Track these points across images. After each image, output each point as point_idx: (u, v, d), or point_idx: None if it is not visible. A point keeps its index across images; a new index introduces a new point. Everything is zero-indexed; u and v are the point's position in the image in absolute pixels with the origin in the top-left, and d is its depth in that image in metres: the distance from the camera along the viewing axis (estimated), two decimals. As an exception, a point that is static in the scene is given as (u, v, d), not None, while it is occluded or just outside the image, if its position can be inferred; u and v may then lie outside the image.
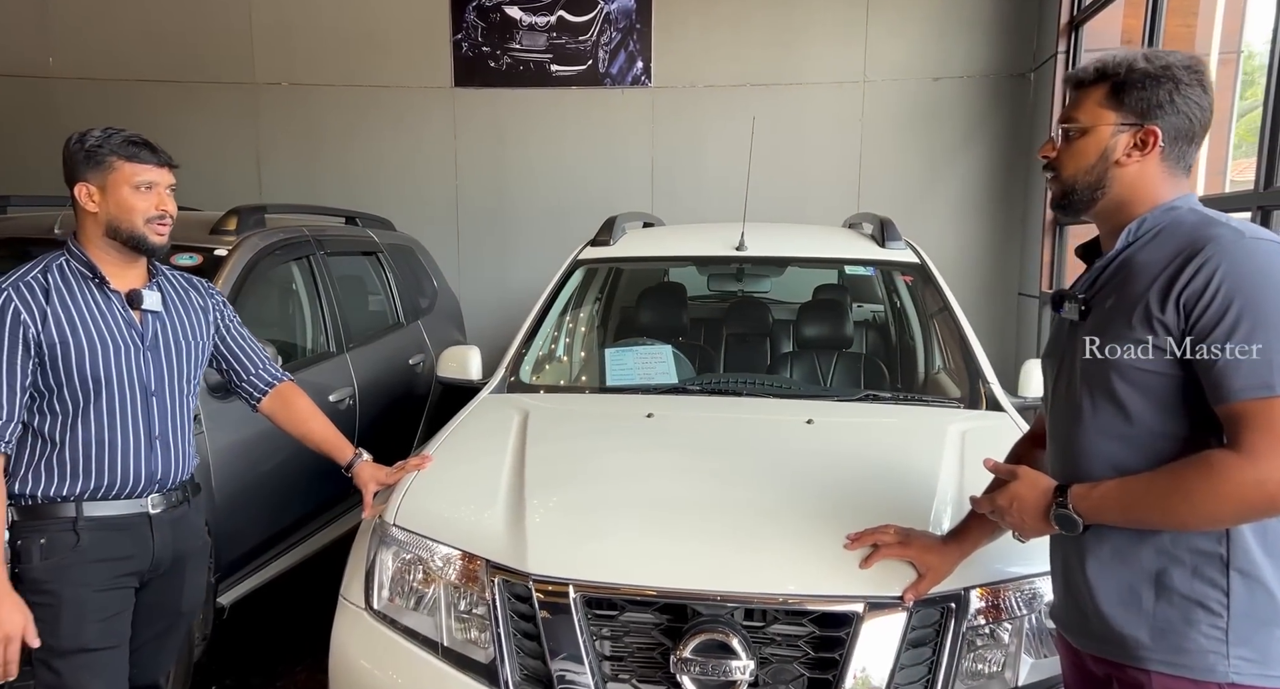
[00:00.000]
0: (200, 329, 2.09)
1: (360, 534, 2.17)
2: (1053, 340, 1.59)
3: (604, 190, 6.09)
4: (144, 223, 1.88)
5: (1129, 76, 1.40)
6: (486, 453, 2.31)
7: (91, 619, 1.85)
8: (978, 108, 5.72)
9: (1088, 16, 4.95)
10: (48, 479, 1.86)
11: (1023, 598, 1.75)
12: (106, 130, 1.89)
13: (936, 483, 2.03)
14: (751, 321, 3.73)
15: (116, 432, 1.89)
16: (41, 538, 1.83)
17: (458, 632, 1.91)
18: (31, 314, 1.82)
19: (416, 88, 6.34)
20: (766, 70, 5.87)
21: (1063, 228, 5.08)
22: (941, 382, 3.18)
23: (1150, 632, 1.35)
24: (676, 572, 1.78)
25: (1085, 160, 1.44)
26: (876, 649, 1.67)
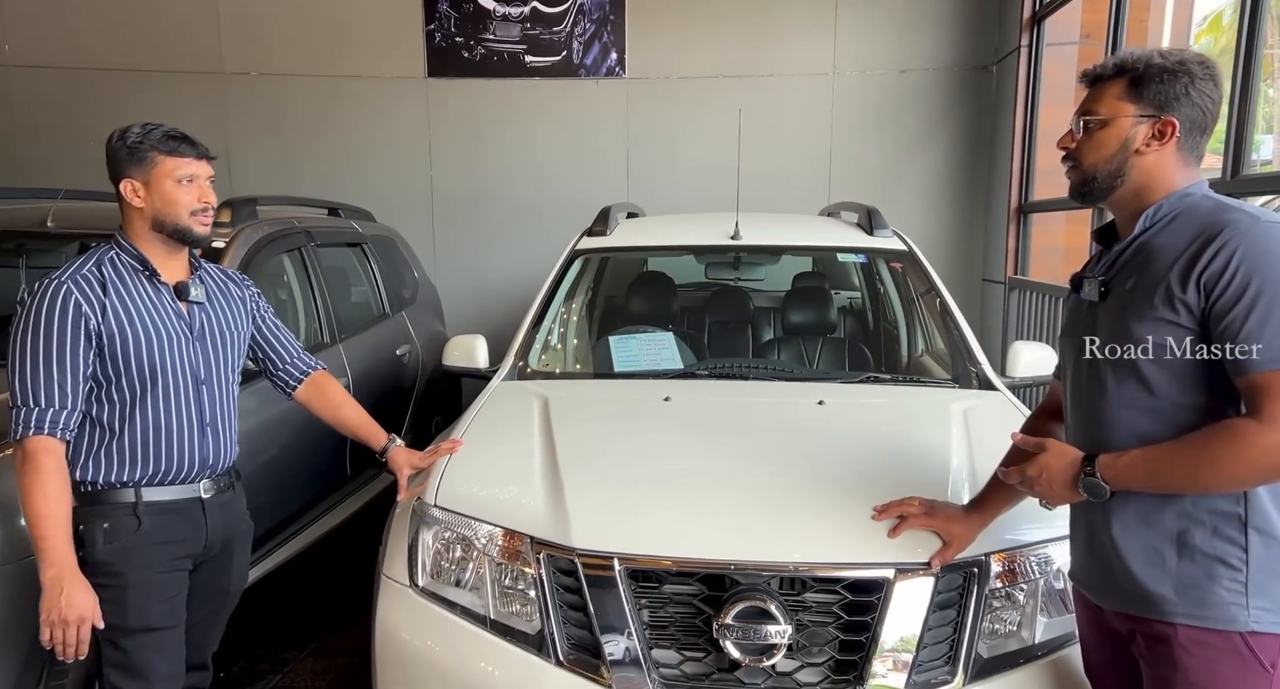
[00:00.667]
0: (241, 319, 2.18)
1: (399, 515, 2.24)
2: (1071, 319, 1.69)
3: (579, 181, 6.16)
4: (189, 215, 1.95)
5: (1147, 71, 1.49)
6: (514, 437, 2.40)
7: (155, 599, 1.93)
8: (942, 99, 5.90)
9: (1049, 11, 5.14)
10: (108, 466, 1.92)
11: (1037, 562, 1.90)
12: (146, 126, 1.95)
13: (950, 457, 2.17)
14: (734, 309, 3.85)
15: (172, 419, 1.97)
16: (105, 522, 1.90)
17: (503, 605, 2.00)
18: (92, 306, 1.89)
19: (389, 78, 6.33)
20: (739, 62, 5.98)
21: (1027, 216, 5.29)
22: (926, 364, 3.34)
23: (1175, 588, 1.45)
24: (715, 543, 1.90)
25: (1106, 150, 1.53)
26: (906, 613, 1.80)
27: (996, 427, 2.40)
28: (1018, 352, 2.89)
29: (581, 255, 3.42)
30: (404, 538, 2.16)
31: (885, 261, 3.51)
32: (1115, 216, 1.62)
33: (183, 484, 2.00)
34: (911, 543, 1.85)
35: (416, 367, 4.81)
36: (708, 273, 3.76)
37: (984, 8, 5.81)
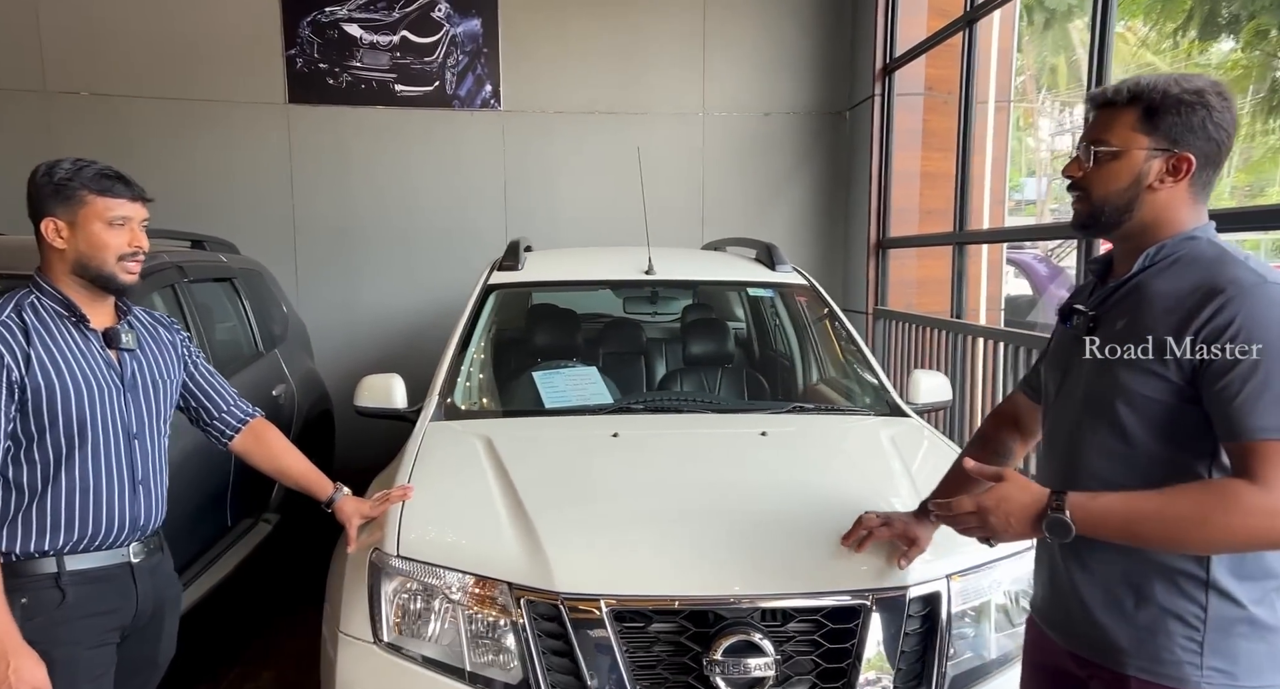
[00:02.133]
0: (172, 367, 2.05)
1: (352, 568, 2.15)
2: (1057, 350, 1.65)
3: (455, 213, 6.08)
4: (116, 261, 1.82)
5: (1164, 101, 1.40)
6: (467, 481, 2.35)
7: (83, 680, 1.78)
8: (803, 141, 6.24)
9: (899, 65, 5.57)
10: (24, 534, 1.76)
11: (989, 582, 2.04)
12: (77, 162, 1.81)
13: (896, 480, 2.32)
14: (627, 341, 3.91)
15: (101, 478, 1.82)
16: (23, 597, 1.74)
17: (478, 655, 1.96)
18: (15, 356, 1.73)
19: (245, 103, 6.03)
20: (614, 99, 6.10)
21: (885, 251, 5.67)
22: (822, 391, 3.52)
23: (1131, 639, 1.42)
24: (700, 579, 1.94)
25: (1118, 183, 1.44)
26: (883, 636, 1.90)
27: (923, 450, 2.60)
28: (918, 380, 3.10)
29: (496, 290, 3.39)
30: (361, 591, 2.07)
31: (792, 295, 3.67)
32: (1115, 249, 1.56)
33: (110, 549, 1.85)
34: (886, 570, 1.96)
35: (292, 407, 4.59)
36: (625, 307, 3.81)
37: (837, 59, 6.20)
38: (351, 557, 2.17)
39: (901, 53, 5.50)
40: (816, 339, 3.61)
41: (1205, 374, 1.33)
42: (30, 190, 1.81)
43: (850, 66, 6.15)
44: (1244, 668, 1.37)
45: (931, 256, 5.72)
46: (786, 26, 6.18)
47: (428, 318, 6.09)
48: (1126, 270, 1.48)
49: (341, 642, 2.03)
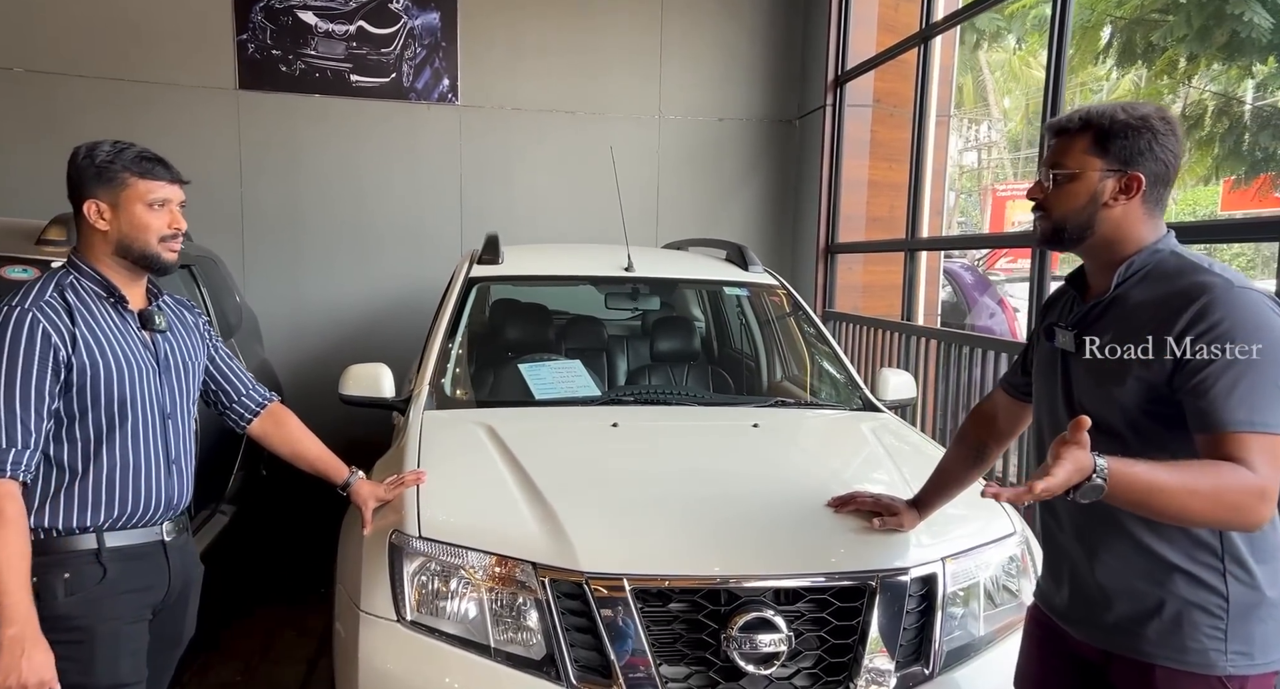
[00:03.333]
0: (198, 349, 2.09)
1: (371, 548, 2.19)
2: (1045, 367, 1.73)
3: (410, 206, 6.06)
4: (158, 241, 1.86)
5: (1113, 126, 1.52)
6: (478, 467, 2.41)
7: (125, 653, 1.83)
8: (755, 147, 6.42)
9: (850, 77, 5.79)
10: (66, 510, 1.80)
11: (977, 564, 2.20)
12: (117, 145, 1.86)
13: (881, 466, 2.47)
14: (590, 338, 3.99)
15: (141, 457, 1.87)
16: (65, 573, 1.78)
17: (500, 632, 2.02)
18: (62, 337, 1.76)
19: (193, 87, 5.89)
20: (572, 99, 6.17)
21: (833, 256, 5.88)
22: (787, 388, 3.68)
23: (1156, 630, 1.50)
24: (718, 560, 2.04)
25: (1075, 202, 1.56)
26: (888, 614, 2.03)
27: (902, 441, 2.76)
28: (886, 378, 3.27)
29: (477, 283, 3.43)
30: (382, 571, 2.12)
31: (766, 295, 3.81)
32: (1086, 265, 1.67)
33: (145, 527, 1.90)
34: (889, 553, 2.10)
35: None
36: (608, 303, 3.90)
37: (789, 69, 6.40)
38: (368, 538, 2.21)
39: (854, 66, 5.72)
40: (788, 338, 3.76)
41: (1182, 372, 1.44)
42: (71, 172, 1.84)
43: (801, 77, 6.35)
44: (1258, 647, 1.49)
45: (877, 262, 5.96)
46: (740, 36, 6.35)
47: (381, 311, 6.06)
48: (1102, 285, 1.60)
49: (363, 620, 2.07)
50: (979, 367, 3.97)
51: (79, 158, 1.84)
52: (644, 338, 4.10)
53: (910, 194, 4.96)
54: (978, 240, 11.89)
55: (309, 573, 4.44)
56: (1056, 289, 1.81)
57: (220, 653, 3.62)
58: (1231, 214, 18.86)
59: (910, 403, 3.35)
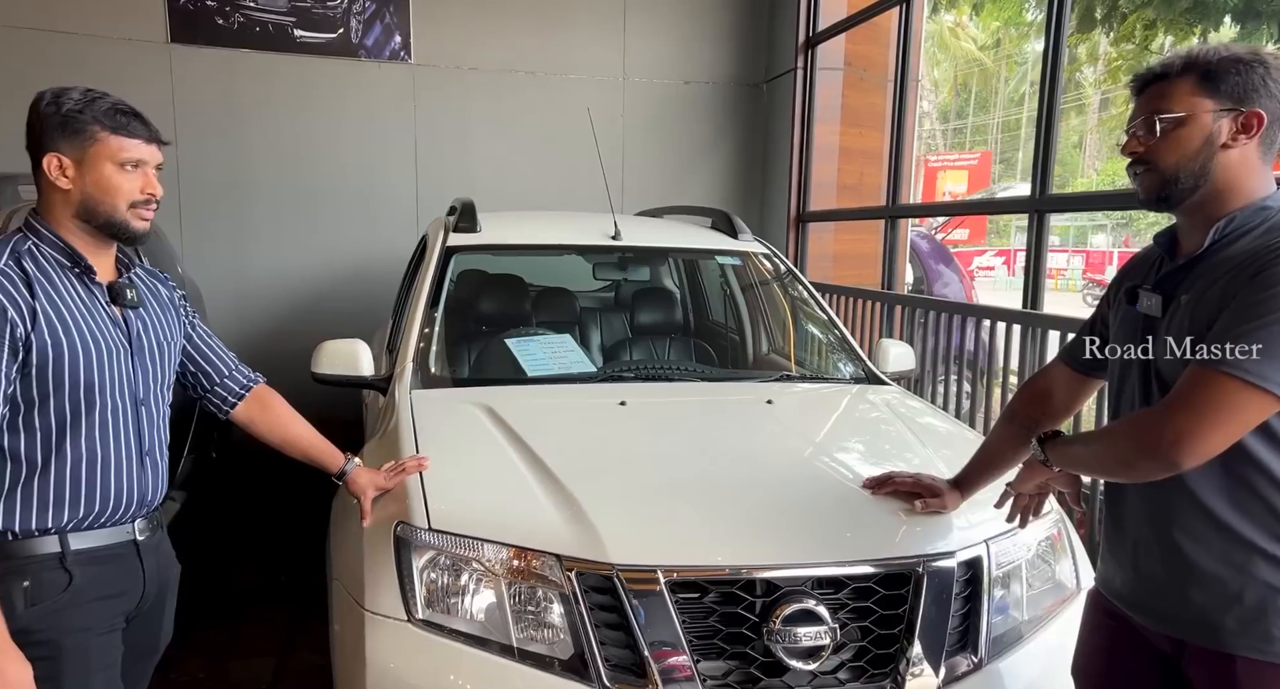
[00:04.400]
0: (174, 328, 1.86)
1: (370, 543, 1.99)
2: (1126, 332, 1.61)
3: (363, 171, 5.75)
4: (127, 207, 1.63)
5: (1220, 64, 1.40)
6: (483, 450, 2.22)
7: (96, 669, 1.64)
8: (722, 111, 6.24)
9: (822, 39, 5.65)
10: (24, 510, 1.58)
11: (1016, 546, 2.10)
12: (88, 93, 1.62)
13: (906, 442, 2.35)
14: (561, 310, 3.80)
15: (110, 448, 1.66)
16: (24, 580, 1.57)
17: (522, 630, 1.85)
18: (19, 310, 1.53)
19: (120, 39, 5.47)
20: (533, 60, 5.90)
21: (804, 225, 5.75)
22: (775, 360, 3.55)
23: (1237, 620, 1.40)
24: (755, 550, 1.90)
25: (1188, 147, 1.42)
26: (934, 601, 1.91)
27: (919, 415, 2.66)
28: (886, 349, 3.15)
29: (456, 252, 3.21)
30: (388, 566, 1.92)
31: (758, 264, 3.65)
32: (1181, 223, 1.54)
33: (115, 526, 1.68)
34: (934, 535, 1.98)
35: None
36: (596, 273, 3.69)
37: (756, 31, 6.22)
38: (369, 531, 2.02)
39: (826, 27, 5.57)
40: (784, 309, 3.61)
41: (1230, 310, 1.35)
42: (31, 119, 1.60)
43: (768, 39, 6.18)
44: None
45: (849, 231, 5.86)
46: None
47: (333, 282, 5.76)
48: (1194, 243, 1.47)
49: (369, 621, 1.88)
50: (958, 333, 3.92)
51: (42, 104, 1.59)
52: (617, 310, 3.93)
53: (892, 159, 4.85)
54: (963, 206, 11.92)
55: (269, 561, 4.21)
56: (1142, 250, 1.70)
57: (181, 649, 3.37)
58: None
59: (910, 374, 3.24)
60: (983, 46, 31.33)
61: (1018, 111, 33.16)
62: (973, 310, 3.77)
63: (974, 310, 3.76)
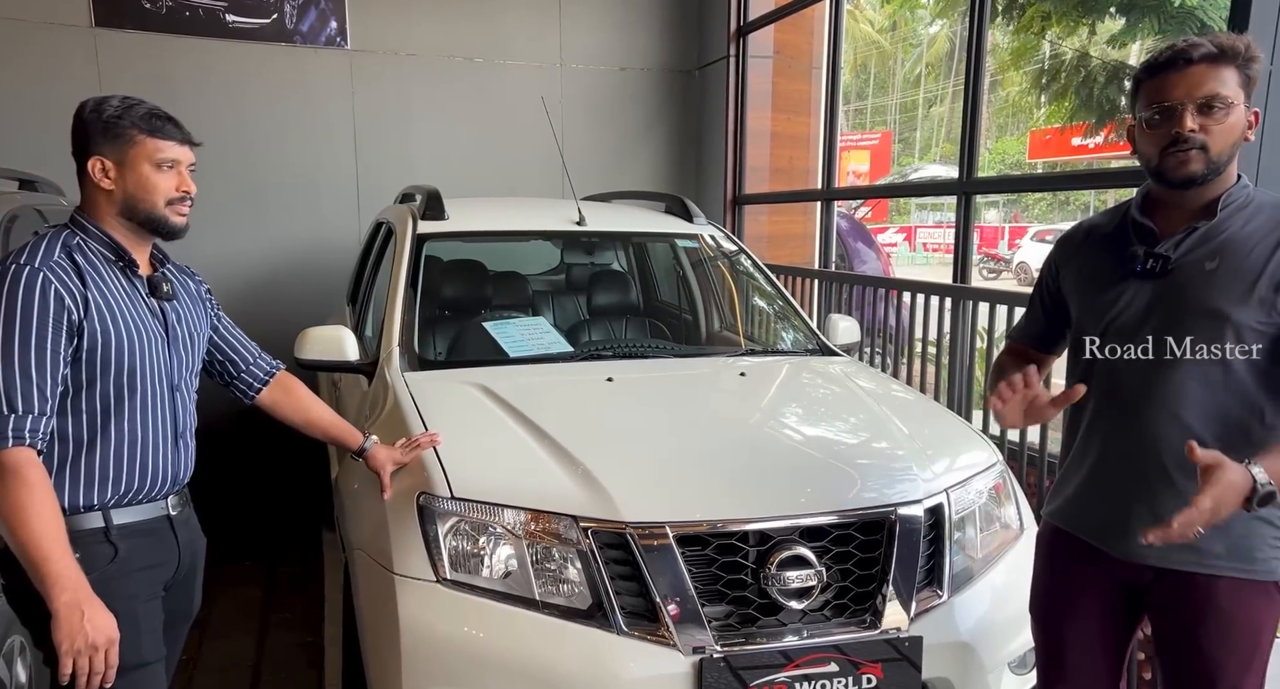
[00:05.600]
0: (203, 319, 2.01)
1: (394, 512, 2.14)
2: (1115, 296, 1.72)
3: (303, 158, 5.72)
4: (165, 204, 1.77)
5: (1246, 56, 1.52)
6: (488, 425, 2.38)
7: (145, 631, 1.77)
8: (657, 97, 6.41)
9: (752, 28, 5.87)
10: (73, 487, 1.70)
11: (972, 492, 2.37)
12: (126, 100, 1.76)
13: (869, 406, 2.60)
14: (515, 294, 3.93)
15: (149, 430, 1.79)
16: (76, 554, 1.66)
17: (543, 585, 2.04)
18: (74, 299, 1.66)
19: (42, 23, 5.33)
20: (471, 45, 5.96)
21: (740, 207, 6.00)
22: (727, 336, 3.78)
23: (1227, 546, 1.61)
24: (751, 505, 2.12)
25: (1234, 135, 1.53)
26: (905, 544, 2.17)
27: (870, 380, 2.92)
28: (835, 323, 3.41)
29: (428, 240, 3.32)
30: (413, 533, 2.08)
31: (716, 245, 3.85)
32: (1173, 201, 1.66)
33: (151, 503, 1.81)
34: (904, 485, 2.23)
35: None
36: (565, 257, 3.84)
37: (687, 20, 6.40)
38: (391, 503, 2.16)
39: (756, 17, 5.79)
40: (738, 288, 3.83)
41: None
42: (76, 126, 1.73)
43: (699, 27, 6.37)
44: None
45: (781, 213, 6.13)
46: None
47: (275, 269, 5.74)
48: (1181, 220, 1.64)
49: (399, 583, 2.03)
50: (881, 305, 4.22)
51: (85, 111, 1.73)
52: (570, 292, 4.09)
53: (825, 144, 5.11)
54: (894, 189, 12.40)
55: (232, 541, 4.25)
56: (1074, 231, 1.88)
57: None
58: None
59: (856, 345, 3.51)
60: (880, 29, 32.21)
61: (914, 93, 34.25)
62: (908, 286, 4.07)
63: (909, 286, 4.05)
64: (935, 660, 2.11)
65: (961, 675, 2.16)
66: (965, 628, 2.18)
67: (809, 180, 6.08)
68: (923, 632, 2.11)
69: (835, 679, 2.04)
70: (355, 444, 2.22)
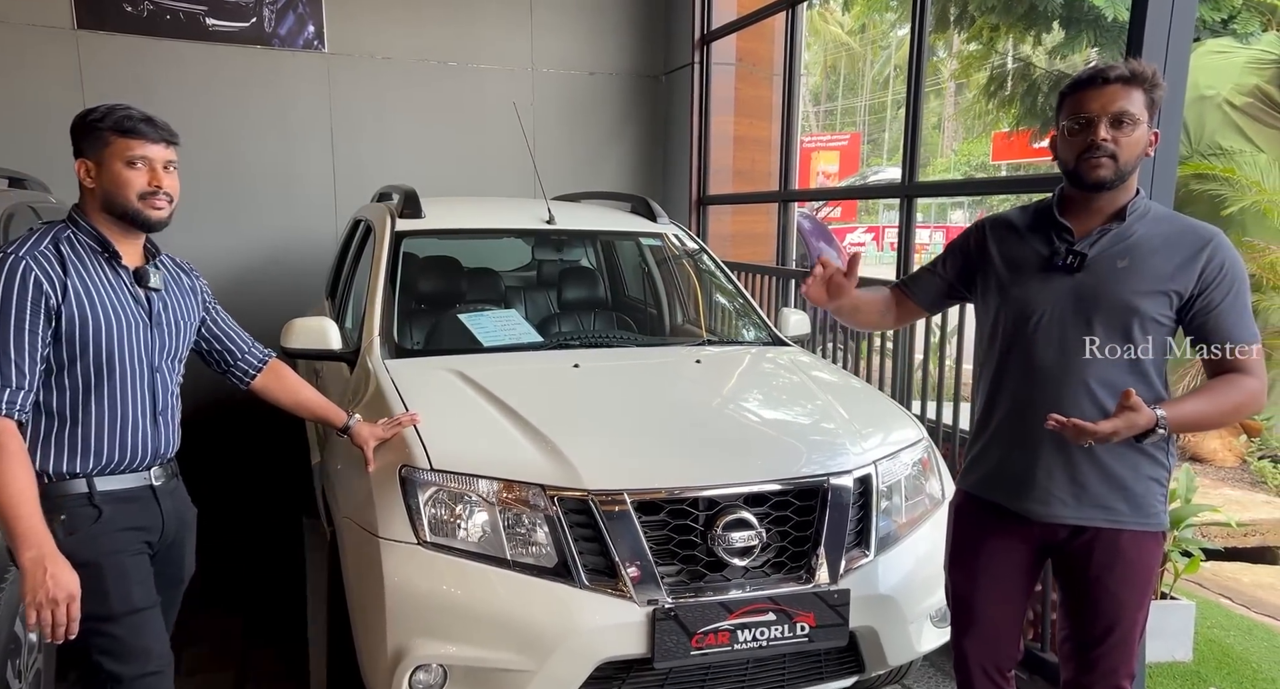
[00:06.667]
0: (193, 310, 2.19)
1: (378, 482, 2.37)
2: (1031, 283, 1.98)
3: (281, 158, 5.91)
4: (137, 199, 1.91)
5: (1153, 81, 1.81)
6: (464, 406, 2.62)
7: (134, 581, 1.94)
8: (625, 101, 6.66)
9: (716, 37, 6.13)
10: (58, 455, 1.89)
11: (898, 464, 2.65)
12: (115, 107, 1.92)
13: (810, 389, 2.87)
14: (488, 289, 4.15)
15: (128, 407, 1.95)
16: (61, 515, 1.86)
17: (514, 546, 2.28)
18: (53, 285, 1.83)
19: (25, 25, 5.48)
20: (445, 49, 6.17)
21: (705, 207, 6.26)
22: (689, 329, 4.04)
23: (1129, 503, 1.93)
24: (699, 474, 2.38)
25: (1138, 149, 1.82)
26: (836, 509, 2.43)
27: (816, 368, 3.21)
28: (787, 316, 3.68)
29: (406, 237, 3.55)
30: (395, 501, 2.31)
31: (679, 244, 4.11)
32: (1082, 204, 1.93)
33: (133, 473, 1.99)
34: (837, 457, 2.50)
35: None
36: (535, 254, 4.08)
37: (653, 27, 6.66)
38: (376, 474, 2.39)
39: (719, 26, 6.06)
40: (697, 283, 4.08)
41: (1200, 299, 1.84)
42: (73, 132, 1.93)
43: (665, 35, 6.63)
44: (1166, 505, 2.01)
45: (744, 213, 6.40)
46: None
47: (251, 267, 5.93)
48: (1096, 221, 1.92)
49: (384, 545, 2.26)
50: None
51: (79, 120, 1.92)
52: (540, 288, 4.32)
53: (783, 148, 5.39)
54: (845, 192, 12.96)
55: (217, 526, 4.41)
56: (1006, 218, 2.11)
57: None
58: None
59: (806, 337, 3.78)
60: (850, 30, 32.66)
61: (883, 94, 34.76)
62: (856, 282, 4.35)
63: (857, 282, 4.33)
64: (861, 611, 2.39)
65: (884, 625, 2.44)
66: (888, 583, 2.45)
67: (770, 182, 6.36)
68: (850, 586, 2.38)
69: (773, 627, 2.30)
70: (340, 422, 2.44)
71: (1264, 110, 7.95)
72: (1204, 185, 7.57)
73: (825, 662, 2.47)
